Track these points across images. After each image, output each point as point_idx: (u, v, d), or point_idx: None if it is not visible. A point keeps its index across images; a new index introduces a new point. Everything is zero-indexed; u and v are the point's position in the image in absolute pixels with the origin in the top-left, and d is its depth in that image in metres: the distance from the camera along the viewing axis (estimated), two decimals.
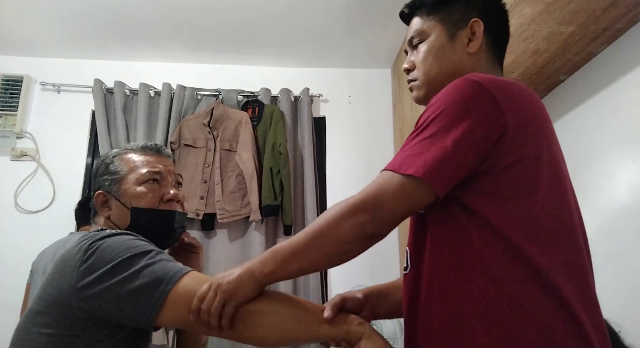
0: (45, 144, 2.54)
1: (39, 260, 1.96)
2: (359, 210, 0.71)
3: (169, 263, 0.82)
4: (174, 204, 1.00)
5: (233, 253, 2.42)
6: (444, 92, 0.74)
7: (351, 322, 0.79)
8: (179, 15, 2.27)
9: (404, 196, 0.70)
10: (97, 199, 0.98)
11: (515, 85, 0.76)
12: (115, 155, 1.02)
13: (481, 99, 0.71)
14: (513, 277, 0.68)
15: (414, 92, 0.91)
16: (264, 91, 2.60)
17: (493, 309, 0.67)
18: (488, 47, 0.87)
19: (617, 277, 1.39)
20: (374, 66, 2.79)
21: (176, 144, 2.44)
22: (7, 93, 2.52)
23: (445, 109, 0.72)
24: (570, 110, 1.70)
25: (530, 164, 0.72)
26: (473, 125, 0.70)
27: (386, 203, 0.70)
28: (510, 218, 0.70)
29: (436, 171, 0.68)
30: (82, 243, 0.83)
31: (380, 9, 2.20)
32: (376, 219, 0.71)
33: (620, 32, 1.43)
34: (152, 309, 0.78)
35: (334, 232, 0.72)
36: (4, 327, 2.11)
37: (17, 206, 2.44)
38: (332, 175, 2.65)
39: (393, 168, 0.72)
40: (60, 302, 0.79)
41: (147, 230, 0.92)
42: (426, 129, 0.72)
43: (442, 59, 0.86)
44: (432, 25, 0.88)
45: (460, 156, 0.69)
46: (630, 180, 1.39)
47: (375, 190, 0.72)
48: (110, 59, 2.68)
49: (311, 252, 0.74)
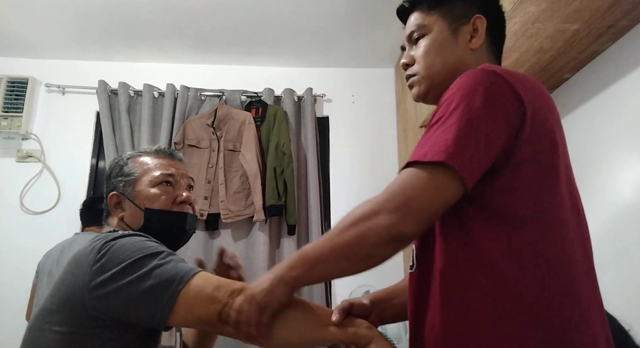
0: (51, 145, 2.56)
1: (44, 261, 1.97)
2: (383, 210, 0.66)
3: (179, 264, 0.84)
4: (186, 206, 1.03)
5: (237, 253, 2.39)
6: (462, 81, 0.72)
7: (359, 326, 0.80)
8: (183, 16, 2.28)
9: (435, 189, 0.65)
10: (110, 200, 1.01)
11: (527, 77, 0.76)
12: (129, 157, 1.04)
13: (502, 88, 0.69)
14: (521, 276, 0.66)
15: (414, 87, 0.89)
16: (267, 91, 2.60)
17: (500, 308, 0.66)
18: (489, 45, 0.87)
19: (623, 275, 1.38)
20: (377, 65, 2.78)
21: (180, 145, 2.45)
22: (12, 95, 2.54)
23: (466, 97, 0.69)
24: (575, 108, 1.69)
25: (549, 158, 0.70)
26: (498, 111, 0.68)
27: (415, 200, 0.66)
28: (523, 215, 0.68)
29: (465, 158, 0.65)
30: (95, 244, 0.85)
31: (383, 8, 2.20)
32: (404, 219, 0.65)
33: (625, 29, 1.42)
34: (164, 309, 0.79)
35: (357, 236, 0.67)
36: (10, 327, 2.13)
37: (22, 207, 2.46)
38: (336, 174, 2.65)
39: (417, 158, 0.67)
40: (73, 300, 0.80)
41: (159, 231, 0.94)
42: (450, 117, 0.69)
43: (445, 54, 0.85)
44: (434, 19, 0.86)
45: (488, 142, 0.66)
46: (636, 178, 1.38)
47: (401, 187, 0.67)
48: (114, 60, 2.69)
49: (335, 257, 0.70)
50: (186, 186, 1.06)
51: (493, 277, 0.67)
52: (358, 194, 2.57)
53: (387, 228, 0.66)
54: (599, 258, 1.50)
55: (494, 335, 0.66)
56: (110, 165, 1.06)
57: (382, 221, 0.66)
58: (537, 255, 0.67)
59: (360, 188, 2.59)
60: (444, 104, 0.72)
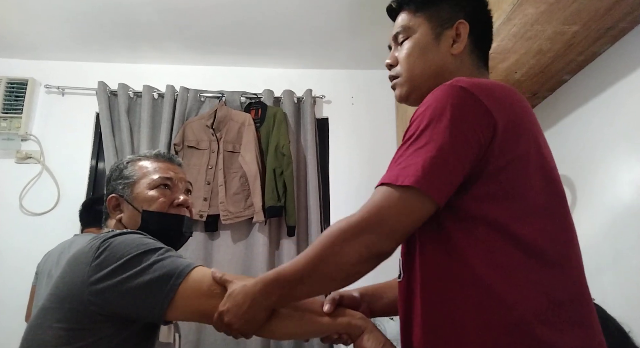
0: (50, 146, 2.56)
1: (44, 262, 1.97)
2: (362, 230, 0.69)
3: (178, 259, 0.86)
4: (183, 209, 1.05)
5: (237, 254, 2.42)
6: (431, 99, 0.74)
7: (352, 316, 0.83)
8: (182, 17, 2.28)
9: (407, 210, 0.68)
10: (109, 202, 1.03)
11: (498, 86, 0.76)
12: (129, 161, 1.07)
13: (469, 104, 0.71)
14: (502, 282, 0.67)
15: (396, 89, 0.90)
16: (267, 93, 2.60)
17: (483, 315, 0.67)
18: (472, 50, 0.87)
19: (622, 276, 1.38)
20: (376, 67, 2.78)
21: (179, 146, 2.45)
22: (12, 96, 2.54)
23: (435, 117, 0.71)
24: (574, 110, 1.69)
25: (522, 165, 0.72)
26: (465, 130, 0.69)
27: (389, 219, 0.69)
28: (501, 221, 0.70)
29: (434, 180, 0.67)
30: (94, 242, 0.87)
31: (382, 10, 2.18)
32: (381, 238, 0.69)
33: (624, 31, 1.42)
34: (163, 302, 0.80)
35: (339, 256, 0.70)
36: (9, 328, 2.13)
37: (22, 208, 2.46)
38: (335, 176, 2.65)
39: (390, 180, 0.70)
40: (72, 296, 0.82)
41: (156, 233, 0.95)
42: (418, 138, 0.71)
43: (426, 58, 0.85)
44: (419, 22, 0.87)
45: (456, 162, 0.69)
46: (634, 180, 1.38)
47: (377, 208, 0.69)
48: (114, 61, 2.69)
49: (317, 276, 0.72)
50: (184, 190, 1.08)
51: (475, 284, 0.69)
52: (357, 195, 2.57)
53: (367, 247, 0.69)
54: (598, 259, 1.51)
55: (480, 341, 0.67)
56: (110, 169, 1.08)
57: (361, 241, 0.69)
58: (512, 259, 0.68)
59: (360, 190, 2.59)
60: (415, 122, 0.74)
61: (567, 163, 1.66)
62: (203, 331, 2.26)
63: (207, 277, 0.84)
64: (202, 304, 0.81)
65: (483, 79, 0.77)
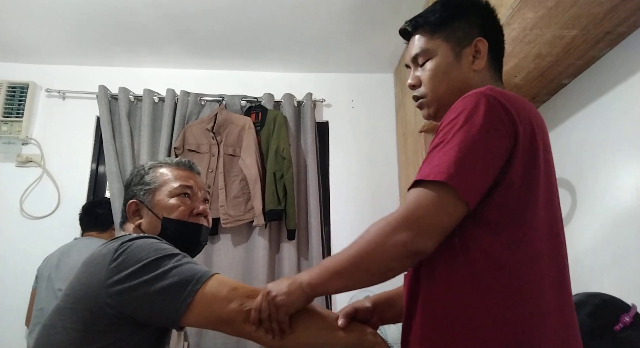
0: (51, 150, 2.56)
1: (43, 266, 1.98)
2: (400, 228, 0.72)
3: (196, 266, 0.87)
4: (202, 218, 1.07)
5: (237, 258, 2.42)
6: (463, 105, 0.76)
7: (363, 331, 0.86)
8: (183, 21, 2.29)
9: (441, 207, 0.71)
10: (129, 207, 1.04)
11: (520, 99, 0.80)
12: (150, 167, 1.08)
13: (499, 112, 0.74)
14: (500, 281, 0.71)
15: (424, 109, 0.94)
16: (267, 96, 2.61)
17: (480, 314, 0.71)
18: (491, 63, 0.90)
19: (622, 279, 1.39)
20: (376, 71, 2.80)
21: (180, 150, 2.45)
22: (13, 100, 2.55)
23: (467, 120, 0.73)
24: (573, 113, 1.70)
25: (533, 177, 0.75)
26: (496, 136, 0.73)
27: (425, 217, 0.71)
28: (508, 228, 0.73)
29: (464, 180, 0.70)
30: (111, 244, 0.87)
31: (382, 14, 2.21)
32: (419, 236, 0.71)
33: (623, 35, 1.43)
34: (180, 307, 0.81)
35: (378, 252, 0.73)
36: (9, 331, 2.13)
37: (22, 212, 2.46)
38: (335, 179, 2.65)
39: (422, 177, 0.73)
40: (88, 298, 0.82)
41: (174, 241, 0.96)
42: (451, 140, 0.73)
43: (450, 77, 0.89)
44: (437, 43, 0.90)
45: (485, 166, 0.72)
46: (634, 183, 1.38)
47: (413, 206, 0.72)
48: (114, 65, 2.70)
49: (355, 271, 0.76)
50: (203, 199, 1.10)
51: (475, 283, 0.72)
52: (357, 199, 2.58)
53: (405, 245, 0.71)
54: (598, 262, 1.51)
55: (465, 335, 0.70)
56: (131, 173, 1.10)
57: (399, 238, 0.71)
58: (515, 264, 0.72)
59: (360, 193, 2.59)
60: (447, 127, 0.76)
61: (567, 166, 1.67)
62: (203, 334, 2.25)
63: (225, 284, 0.85)
64: (219, 310, 0.82)
65: (506, 91, 0.81)
